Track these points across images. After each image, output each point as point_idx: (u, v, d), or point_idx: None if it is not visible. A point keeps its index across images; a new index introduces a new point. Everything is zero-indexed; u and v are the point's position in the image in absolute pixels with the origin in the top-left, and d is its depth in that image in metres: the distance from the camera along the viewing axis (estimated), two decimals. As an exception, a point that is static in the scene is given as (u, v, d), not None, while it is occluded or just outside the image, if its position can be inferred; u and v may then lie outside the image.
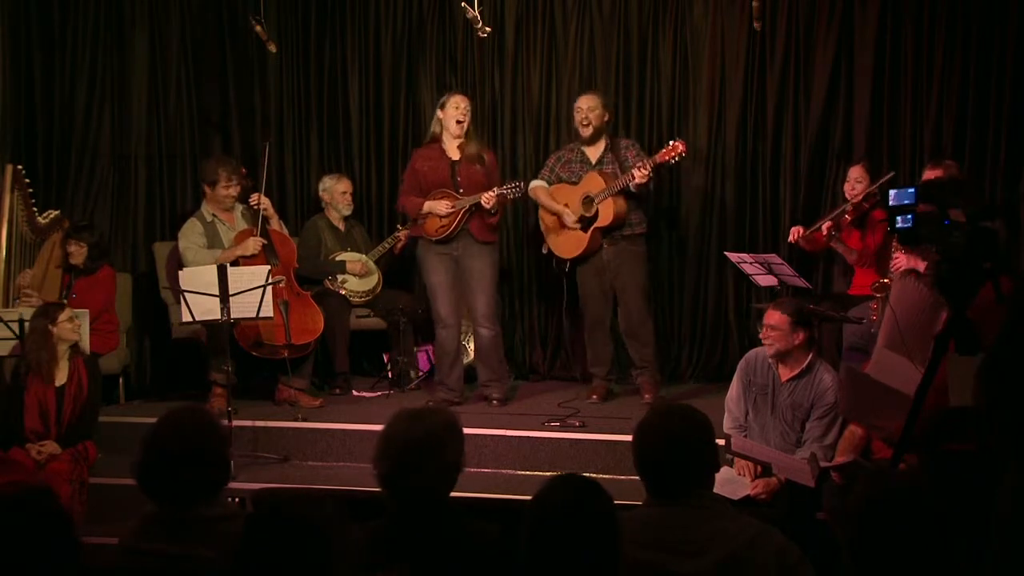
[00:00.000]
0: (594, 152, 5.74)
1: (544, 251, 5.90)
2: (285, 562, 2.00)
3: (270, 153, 5.99)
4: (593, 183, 5.64)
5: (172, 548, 2.45)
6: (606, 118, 5.75)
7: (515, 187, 5.53)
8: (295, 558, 2.01)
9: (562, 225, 5.71)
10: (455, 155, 5.64)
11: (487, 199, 5.44)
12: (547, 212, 5.80)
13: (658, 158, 5.46)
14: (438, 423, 2.51)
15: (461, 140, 5.62)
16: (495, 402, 5.67)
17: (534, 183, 5.85)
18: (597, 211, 5.59)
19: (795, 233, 5.52)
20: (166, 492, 2.52)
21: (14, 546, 2.04)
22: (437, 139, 5.67)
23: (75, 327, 4.83)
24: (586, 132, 5.69)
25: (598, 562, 2.14)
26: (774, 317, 4.22)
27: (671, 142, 5.50)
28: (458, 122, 5.58)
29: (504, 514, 2.52)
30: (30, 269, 5.79)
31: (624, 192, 5.57)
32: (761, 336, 4.31)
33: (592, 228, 5.63)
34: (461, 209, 5.53)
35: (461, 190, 5.57)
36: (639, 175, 5.40)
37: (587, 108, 5.68)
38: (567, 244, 5.75)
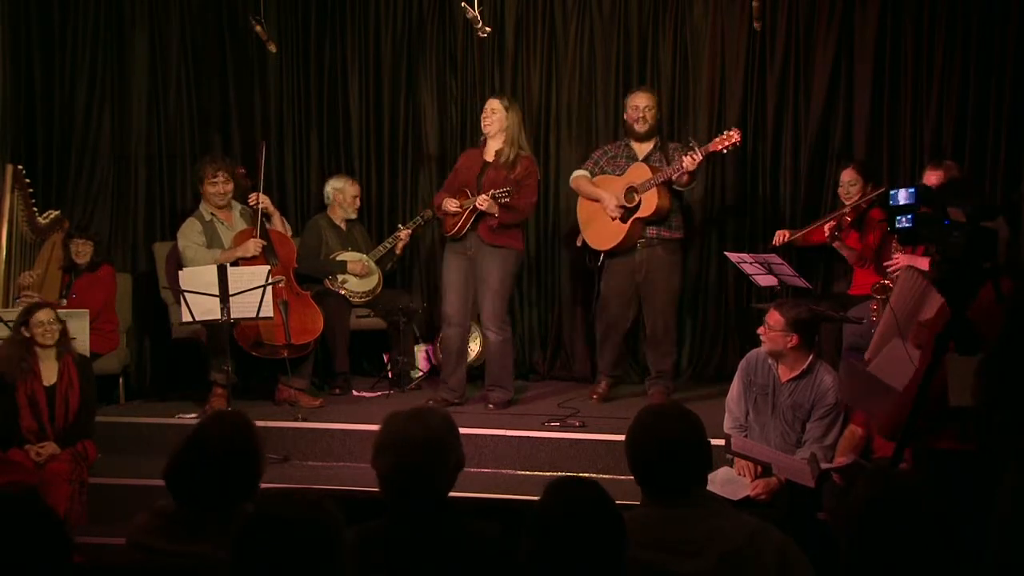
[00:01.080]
0: (643, 149, 5.70)
1: (579, 243, 5.85)
2: (281, 562, 1.99)
3: (268, 152, 6.00)
4: (639, 173, 5.58)
5: (180, 547, 2.43)
6: (657, 117, 5.74)
7: (504, 192, 5.49)
8: (292, 559, 1.99)
9: (608, 215, 5.60)
10: (490, 157, 5.64)
11: (481, 202, 5.44)
12: (587, 202, 5.75)
13: (711, 146, 5.40)
14: (437, 423, 2.51)
15: (500, 144, 5.60)
16: (491, 406, 5.67)
17: (576, 173, 5.81)
18: (640, 201, 5.54)
19: (780, 237, 5.52)
20: (195, 492, 2.50)
21: (3, 547, 2.03)
22: (484, 142, 5.71)
23: (51, 331, 4.76)
24: (642, 128, 5.66)
25: (606, 567, 2.13)
26: (773, 316, 4.25)
27: (726, 131, 5.45)
28: (486, 125, 5.61)
29: (504, 514, 2.53)
30: (31, 270, 5.80)
31: (668, 187, 5.53)
32: (759, 331, 4.34)
33: (632, 219, 5.56)
34: (466, 210, 5.54)
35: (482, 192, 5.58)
36: (689, 162, 5.34)
37: (644, 106, 5.66)
38: (603, 235, 5.66)
